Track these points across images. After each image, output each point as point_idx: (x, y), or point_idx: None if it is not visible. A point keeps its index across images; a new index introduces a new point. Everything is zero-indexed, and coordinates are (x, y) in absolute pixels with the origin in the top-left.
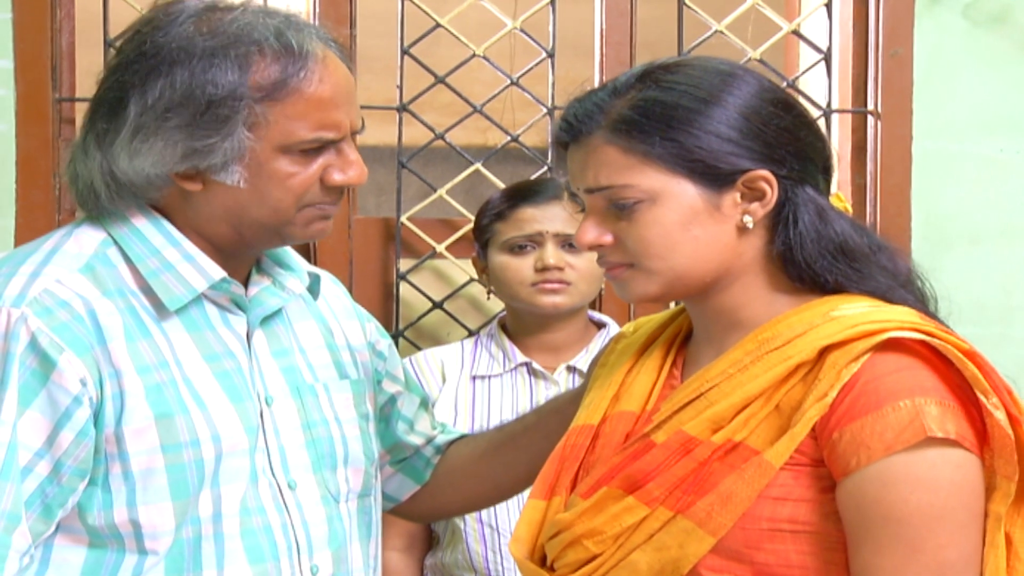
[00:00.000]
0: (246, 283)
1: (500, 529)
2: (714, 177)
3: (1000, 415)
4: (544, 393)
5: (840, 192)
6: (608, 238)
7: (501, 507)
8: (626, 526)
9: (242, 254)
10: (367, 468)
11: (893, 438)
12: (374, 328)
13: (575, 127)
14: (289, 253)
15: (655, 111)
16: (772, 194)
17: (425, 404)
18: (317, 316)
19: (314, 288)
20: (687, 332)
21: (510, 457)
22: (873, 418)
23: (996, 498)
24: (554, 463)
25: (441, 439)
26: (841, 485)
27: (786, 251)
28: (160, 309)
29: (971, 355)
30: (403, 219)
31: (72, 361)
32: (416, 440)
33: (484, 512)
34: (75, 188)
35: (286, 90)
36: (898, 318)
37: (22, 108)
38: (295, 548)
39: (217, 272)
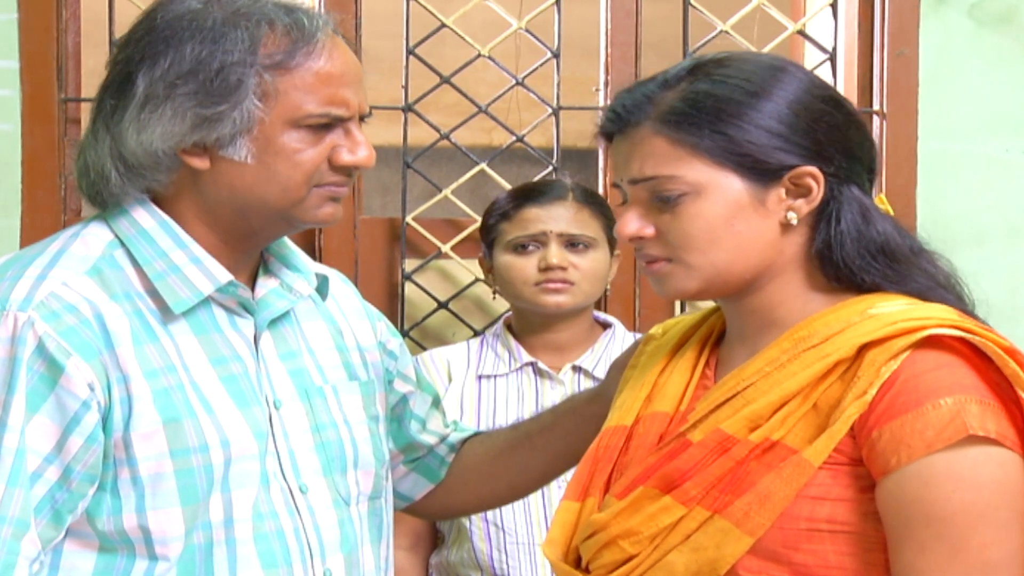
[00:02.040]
0: (253, 285)
1: (505, 528)
2: (761, 172)
3: None
4: (549, 393)
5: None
6: (650, 231)
7: (507, 506)
8: (663, 526)
9: (249, 247)
10: (377, 470)
11: (934, 436)
12: (385, 327)
13: (623, 117)
14: (296, 254)
15: (706, 103)
16: (818, 191)
17: (437, 402)
18: (326, 317)
19: (322, 289)
20: (719, 332)
21: (526, 457)
22: (913, 416)
23: None
24: (587, 464)
25: (455, 437)
26: (881, 484)
27: (825, 249)
28: (167, 312)
29: (1012, 352)
30: (408, 219)
31: (80, 366)
32: (429, 439)
33: (490, 511)
34: (85, 180)
35: (295, 61)
36: (937, 315)
37: (28, 108)
38: (308, 552)
39: (224, 275)
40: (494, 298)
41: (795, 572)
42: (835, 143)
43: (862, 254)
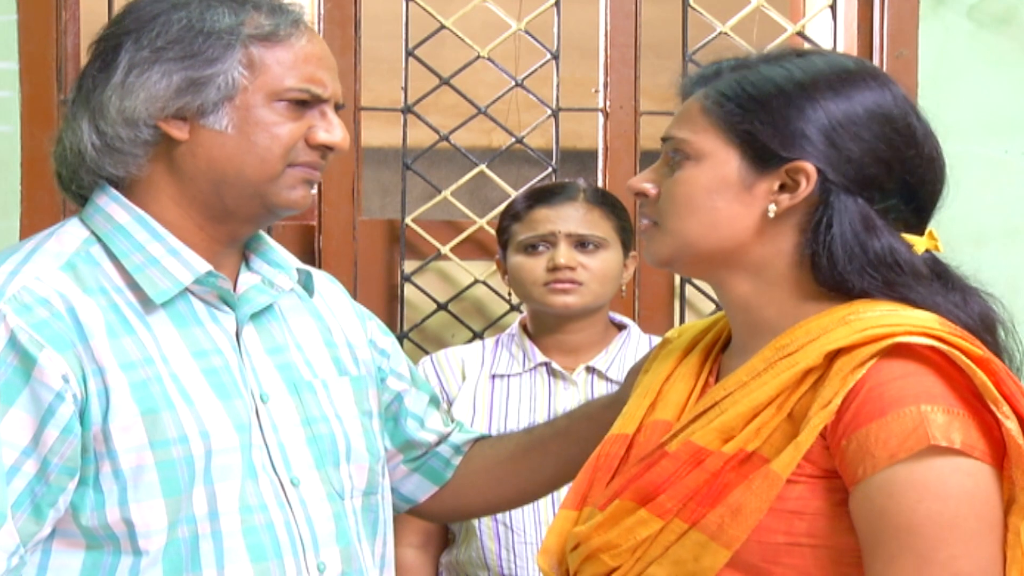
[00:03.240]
0: (234, 283)
1: (514, 528)
2: (760, 156)
3: (1011, 424)
4: (563, 394)
5: None
6: (653, 190)
7: None
8: (641, 539)
9: (226, 235)
10: (372, 465)
11: (897, 446)
12: (375, 326)
13: (690, 85)
14: (276, 250)
15: (749, 81)
16: (805, 188)
17: (435, 401)
18: (314, 313)
19: (308, 285)
20: (726, 339)
21: (538, 462)
22: (877, 425)
23: (1015, 511)
24: (587, 472)
25: (459, 438)
26: (852, 495)
27: (814, 255)
28: (146, 305)
29: (982, 362)
30: (408, 221)
31: (53, 358)
32: (428, 437)
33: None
34: (64, 166)
35: (278, 38)
36: (909, 322)
37: (27, 109)
38: (300, 545)
39: (203, 265)
40: (509, 298)
41: None
42: (855, 153)
43: (854, 260)
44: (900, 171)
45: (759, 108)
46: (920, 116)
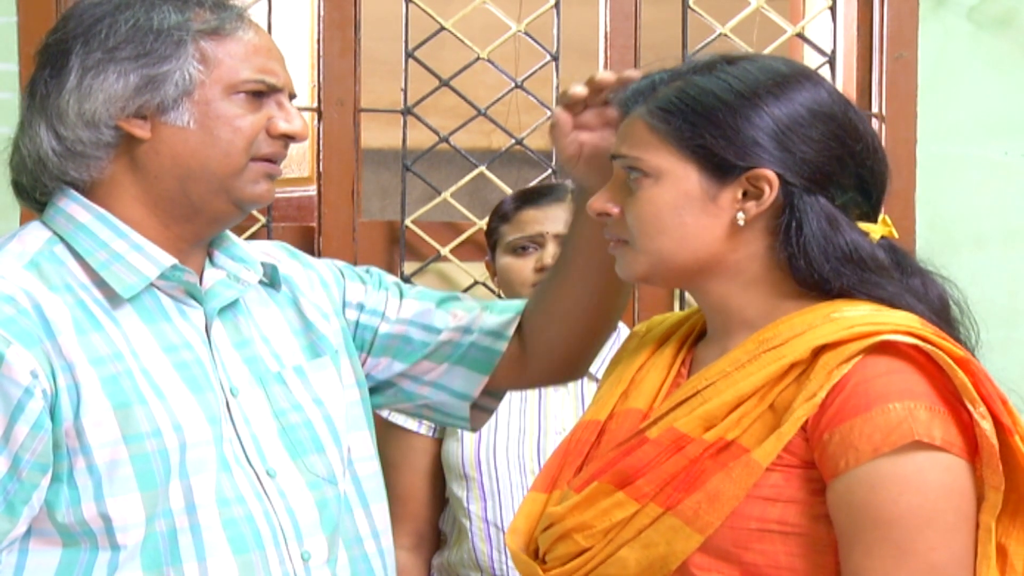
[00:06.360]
0: (200, 278)
1: (505, 528)
2: (718, 167)
3: (986, 425)
4: (553, 395)
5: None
6: (615, 209)
7: (507, 506)
8: (616, 521)
9: (192, 233)
10: (340, 451)
11: (881, 440)
12: (342, 289)
13: (628, 101)
14: (239, 246)
15: (690, 95)
16: (770, 194)
17: (446, 301)
18: (280, 303)
19: (274, 279)
20: (700, 332)
21: (579, 289)
22: (862, 420)
23: (985, 508)
24: (558, 457)
25: (489, 321)
26: (831, 487)
27: (791, 257)
28: (113, 301)
29: (963, 363)
30: (407, 222)
31: (20, 353)
32: (452, 336)
33: (490, 511)
34: (25, 174)
35: (225, 32)
36: (894, 322)
37: None
38: (281, 536)
39: (167, 259)
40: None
41: (745, 571)
42: (808, 154)
43: (828, 259)
44: (853, 165)
45: (706, 122)
46: (856, 109)
